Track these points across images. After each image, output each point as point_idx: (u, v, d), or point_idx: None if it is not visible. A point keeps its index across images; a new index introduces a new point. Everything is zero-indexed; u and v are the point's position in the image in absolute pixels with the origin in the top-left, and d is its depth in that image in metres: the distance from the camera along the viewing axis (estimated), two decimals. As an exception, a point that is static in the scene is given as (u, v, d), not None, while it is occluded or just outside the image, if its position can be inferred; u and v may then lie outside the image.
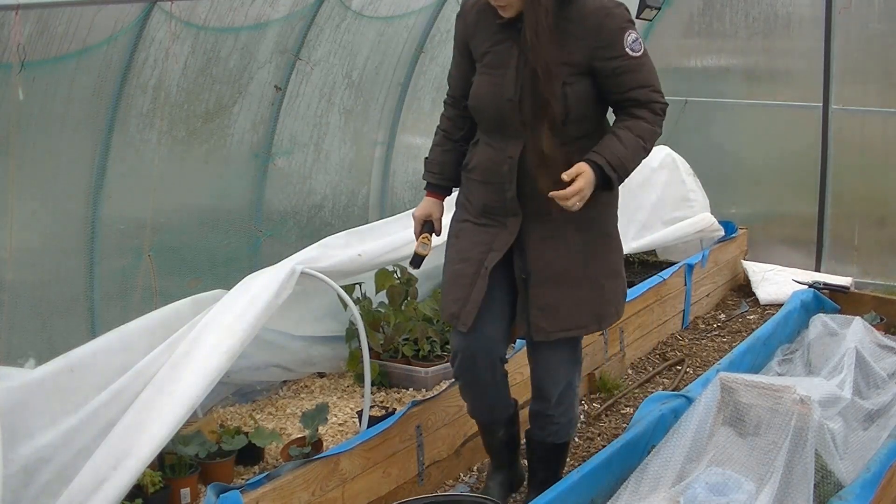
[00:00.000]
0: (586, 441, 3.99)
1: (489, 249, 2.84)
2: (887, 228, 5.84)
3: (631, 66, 2.68)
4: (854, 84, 5.85)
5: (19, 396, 2.69)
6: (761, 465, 2.93)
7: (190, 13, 3.61)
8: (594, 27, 2.65)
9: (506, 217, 2.83)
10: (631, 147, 2.69)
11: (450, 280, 2.94)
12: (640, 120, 2.72)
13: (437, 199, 3.06)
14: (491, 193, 2.84)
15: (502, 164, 2.79)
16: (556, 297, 2.83)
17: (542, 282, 2.82)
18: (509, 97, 2.72)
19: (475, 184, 2.90)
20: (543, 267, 2.81)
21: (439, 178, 3.04)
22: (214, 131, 4.06)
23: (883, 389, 3.80)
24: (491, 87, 2.77)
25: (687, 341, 5.19)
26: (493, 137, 2.83)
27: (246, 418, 3.74)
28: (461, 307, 2.85)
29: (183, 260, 3.99)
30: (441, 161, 3.03)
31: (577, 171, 2.61)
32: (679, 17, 6.48)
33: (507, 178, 2.78)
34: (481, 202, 2.88)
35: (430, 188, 3.06)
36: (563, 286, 2.82)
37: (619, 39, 2.65)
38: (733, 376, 3.20)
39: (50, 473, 2.69)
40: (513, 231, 2.82)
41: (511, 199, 2.79)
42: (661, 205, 5.81)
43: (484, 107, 2.81)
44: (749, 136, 6.28)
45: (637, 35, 2.70)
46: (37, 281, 3.49)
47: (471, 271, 2.84)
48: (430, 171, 3.05)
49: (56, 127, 3.38)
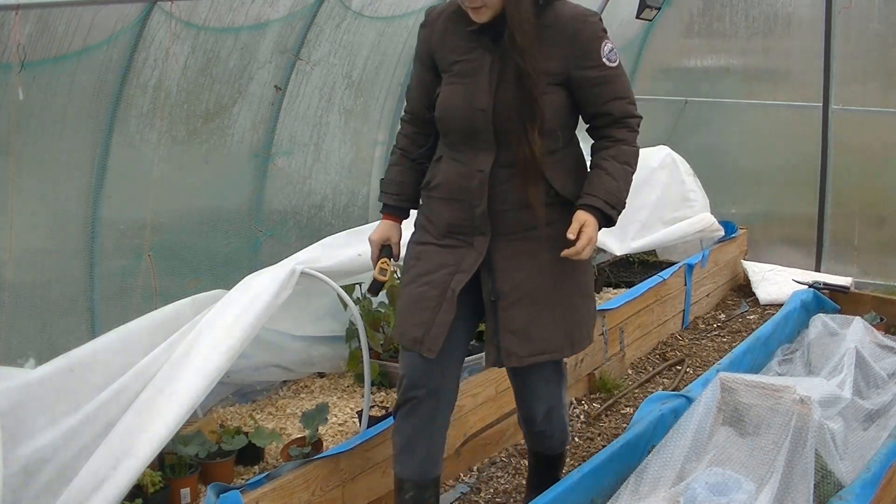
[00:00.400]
0: (586, 441, 3.99)
1: (455, 271, 2.66)
2: (887, 228, 5.85)
3: (608, 77, 2.60)
4: (854, 84, 5.86)
5: (19, 396, 2.69)
6: (761, 465, 2.93)
7: (190, 13, 3.61)
8: (571, 35, 2.56)
9: (473, 236, 2.66)
10: (621, 178, 2.62)
11: (411, 303, 2.72)
12: (621, 144, 2.64)
13: (396, 222, 2.90)
14: (457, 211, 2.68)
15: (471, 179, 2.63)
16: (529, 320, 2.66)
17: (514, 304, 2.65)
18: (482, 107, 2.58)
19: (439, 202, 2.73)
20: (514, 288, 2.65)
21: (398, 200, 2.87)
22: (214, 131, 4.06)
23: (883, 389, 3.80)
24: (462, 97, 2.62)
25: (687, 341, 5.19)
26: (460, 151, 2.67)
27: (246, 418, 3.74)
28: (425, 331, 2.65)
29: (183, 260, 3.98)
30: (399, 181, 2.87)
31: (580, 223, 2.52)
32: (679, 17, 6.49)
33: (477, 193, 2.62)
34: (445, 221, 2.71)
35: (387, 210, 2.89)
36: (536, 307, 2.66)
37: (596, 49, 2.58)
38: (733, 376, 3.21)
39: (50, 473, 2.69)
40: (481, 251, 2.65)
41: (480, 216, 2.63)
42: (661, 205, 5.80)
43: (454, 118, 2.65)
44: (749, 136, 6.29)
45: (612, 45, 2.63)
46: (37, 281, 3.49)
47: (435, 294, 2.66)
48: (388, 192, 2.88)
49: (56, 127, 3.38)
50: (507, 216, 2.63)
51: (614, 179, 2.60)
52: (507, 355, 2.67)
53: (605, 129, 2.66)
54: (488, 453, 3.79)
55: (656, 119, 6.63)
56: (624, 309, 4.66)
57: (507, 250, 2.65)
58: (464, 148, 2.66)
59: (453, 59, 2.67)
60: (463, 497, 3.50)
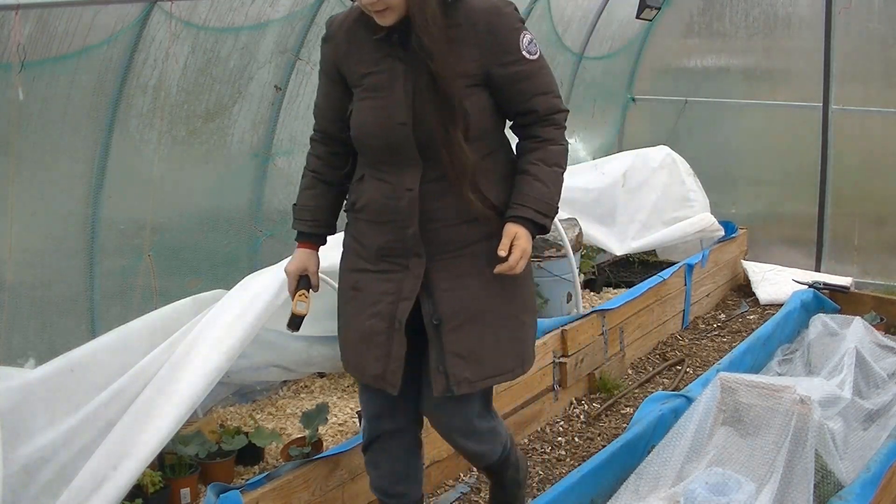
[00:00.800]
0: (586, 441, 3.99)
1: (398, 299, 2.45)
2: (887, 228, 5.85)
3: (530, 71, 2.40)
4: (854, 84, 5.86)
5: (19, 396, 2.69)
6: (761, 465, 2.93)
7: (190, 13, 3.61)
8: (485, 30, 2.36)
9: (407, 258, 2.45)
10: (551, 182, 2.43)
11: (361, 338, 2.52)
12: (548, 143, 2.44)
13: (312, 250, 2.66)
14: (387, 234, 2.46)
15: (400, 199, 2.41)
16: (477, 341, 2.46)
17: (459, 326, 2.44)
18: (401, 121, 2.36)
19: (366, 224, 2.51)
20: (458, 309, 2.44)
21: (313, 227, 2.64)
22: (214, 131, 4.06)
23: (883, 389, 3.81)
24: (377, 113, 2.40)
25: (687, 341, 5.19)
26: (383, 170, 2.46)
27: (246, 418, 3.74)
28: (385, 367, 2.47)
29: (183, 260, 3.98)
30: (314, 207, 2.63)
31: (510, 237, 2.36)
32: (679, 17, 6.49)
33: (407, 213, 2.41)
34: (376, 245, 2.49)
35: (302, 238, 2.65)
36: (482, 328, 2.46)
37: (514, 42, 2.38)
38: (733, 376, 3.21)
39: (50, 473, 2.69)
40: (418, 274, 2.44)
41: (413, 237, 2.42)
42: (661, 205, 5.81)
43: (371, 136, 2.43)
44: (749, 136, 6.29)
45: (532, 36, 2.43)
46: (37, 281, 3.49)
47: (384, 326, 2.46)
48: (302, 218, 2.64)
49: (56, 127, 3.38)
50: (442, 234, 2.43)
51: (544, 185, 2.41)
52: (457, 382, 2.45)
53: (531, 128, 2.47)
54: (488, 453, 3.79)
55: (656, 119, 6.64)
56: (624, 309, 4.66)
57: (446, 270, 2.45)
58: (387, 167, 2.45)
59: (363, 72, 2.44)
60: (463, 497, 3.50)
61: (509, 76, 2.39)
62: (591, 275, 5.67)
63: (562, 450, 3.91)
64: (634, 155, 5.99)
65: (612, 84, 6.65)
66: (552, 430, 4.07)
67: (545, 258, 4.85)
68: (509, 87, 2.41)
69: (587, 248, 5.56)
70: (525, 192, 2.41)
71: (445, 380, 2.45)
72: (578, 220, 5.21)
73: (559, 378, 4.16)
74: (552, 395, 4.14)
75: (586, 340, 4.31)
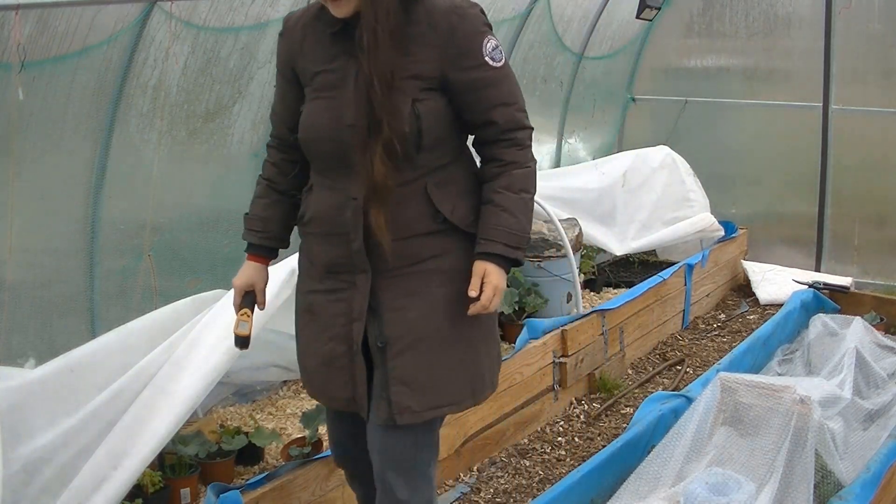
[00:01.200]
0: (586, 441, 3.99)
1: (350, 320, 2.30)
2: (887, 228, 5.85)
3: (492, 79, 2.22)
4: (854, 84, 5.86)
5: (19, 396, 2.69)
6: (761, 465, 2.93)
7: (190, 13, 3.61)
8: (446, 31, 2.18)
9: (353, 275, 2.28)
10: (519, 210, 2.25)
11: (323, 362, 2.37)
12: (511, 168, 2.26)
13: (262, 264, 2.51)
14: (334, 248, 2.29)
15: (344, 209, 2.24)
16: (424, 367, 2.27)
17: (404, 350, 2.26)
18: (350, 122, 2.19)
19: (315, 239, 2.37)
20: (405, 331, 2.26)
21: (263, 238, 2.48)
22: (214, 131, 4.06)
23: (883, 389, 3.81)
24: (326, 113, 2.24)
25: (687, 341, 5.19)
26: (331, 177, 2.29)
27: (246, 418, 3.74)
28: (353, 390, 2.33)
29: (183, 260, 3.98)
30: (264, 217, 2.47)
31: (480, 276, 2.21)
32: (679, 17, 6.50)
33: (352, 225, 2.23)
34: (324, 260, 2.33)
35: (252, 250, 2.50)
36: (430, 354, 2.27)
37: (476, 46, 2.20)
38: (733, 376, 3.21)
39: (50, 473, 2.69)
40: (364, 291, 2.27)
41: (357, 252, 2.24)
42: (661, 205, 5.82)
43: (318, 138, 2.27)
44: (749, 136, 6.30)
45: (497, 42, 2.25)
46: (37, 281, 3.49)
47: (343, 349, 2.32)
48: (252, 229, 2.49)
49: (56, 127, 3.38)
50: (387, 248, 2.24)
51: (511, 215, 2.24)
52: (399, 411, 2.26)
53: (492, 148, 2.28)
54: (488, 453, 3.79)
55: (656, 119, 6.64)
56: (624, 309, 4.66)
57: (394, 289, 2.27)
58: (335, 174, 2.28)
59: (315, 70, 2.28)
60: (463, 497, 3.50)
61: (468, 82, 2.22)
62: (591, 275, 5.67)
63: (562, 450, 3.91)
64: (634, 155, 5.99)
65: (612, 84, 6.65)
66: (552, 430, 4.07)
67: (545, 258, 4.85)
68: (468, 94, 2.23)
69: (587, 248, 5.57)
70: (491, 224, 2.24)
71: (388, 407, 2.27)
72: (578, 220, 5.22)
73: (559, 378, 4.16)
74: (552, 395, 4.14)
75: (586, 340, 4.31)
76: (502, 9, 5.18)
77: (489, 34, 2.24)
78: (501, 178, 2.26)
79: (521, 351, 3.94)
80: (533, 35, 5.61)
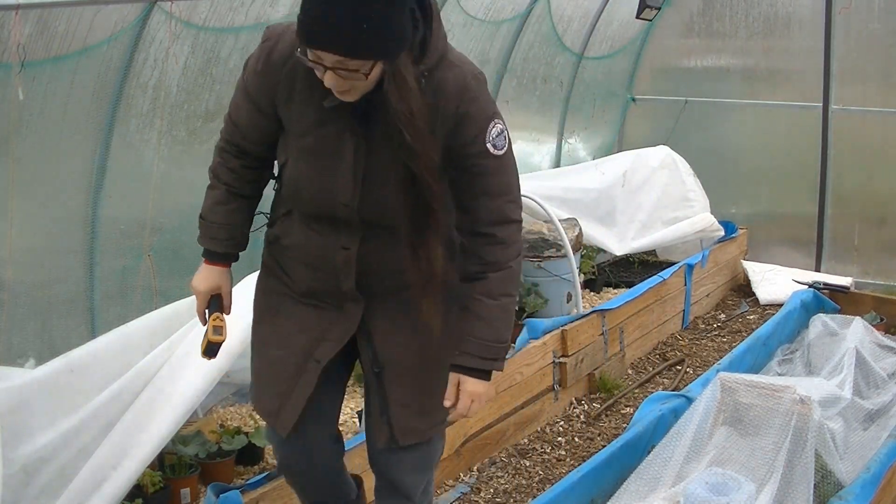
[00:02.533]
0: (586, 441, 3.99)
1: (321, 338, 2.24)
2: (887, 228, 5.85)
3: (489, 168, 2.11)
4: (854, 84, 5.87)
5: (19, 396, 2.69)
6: (761, 465, 2.94)
7: (190, 13, 3.61)
8: (453, 118, 2.07)
9: (342, 302, 2.23)
10: (496, 318, 2.17)
11: (264, 368, 2.32)
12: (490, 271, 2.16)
13: (224, 268, 2.42)
14: (320, 280, 2.23)
15: (334, 255, 2.19)
16: (424, 388, 2.26)
17: (403, 373, 2.25)
18: (345, 202, 2.12)
19: (294, 262, 2.28)
20: (402, 356, 2.24)
21: (228, 245, 2.38)
22: (214, 131, 4.03)
23: (883, 389, 3.81)
24: (318, 185, 2.13)
25: (687, 341, 5.19)
26: (316, 224, 2.21)
27: (246, 418, 3.74)
28: (280, 405, 2.26)
29: (183, 260, 3.98)
30: (228, 223, 2.36)
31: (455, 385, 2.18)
32: (679, 17, 6.50)
33: (343, 269, 2.19)
34: (305, 285, 2.26)
35: (215, 258, 2.41)
36: (429, 373, 2.25)
37: (482, 132, 2.09)
38: (733, 376, 3.21)
39: (50, 473, 2.69)
40: (353, 318, 2.23)
41: (349, 290, 2.21)
42: (661, 205, 5.82)
43: (308, 202, 2.18)
44: (749, 136, 6.30)
45: (503, 127, 2.13)
46: (37, 281, 3.49)
47: (293, 361, 2.25)
48: (215, 236, 2.38)
49: (56, 127, 3.38)
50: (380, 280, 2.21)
51: (488, 325, 2.16)
52: (404, 433, 2.26)
53: (473, 241, 2.17)
54: (488, 453, 3.79)
55: (656, 119, 6.65)
56: (624, 309, 4.66)
57: (387, 314, 2.24)
58: (320, 225, 2.20)
59: (304, 130, 2.14)
60: (463, 497, 3.50)
61: (465, 165, 2.12)
62: (591, 275, 5.67)
63: (562, 450, 3.91)
64: (634, 155, 6.00)
65: (612, 84, 6.65)
66: (552, 430, 4.07)
67: (545, 258, 4.85)
68: (464, 173, 2.13)
69: (587, 248, 5.57)
70: (467, 334, 2.17)
71: (389, 430, 2.26)
72: (578, 220, 5.22)
73: (559, 378, 4.16)
74: (552, 395, 4.14)
75: (586, 340, 4.31)
76: (502, 9, 5.17)
77: (496, 119, 2.12)
78: (480, 283, 2.17)
79: (521, 351, 3.94)
80: (533, 35, 5.61)
